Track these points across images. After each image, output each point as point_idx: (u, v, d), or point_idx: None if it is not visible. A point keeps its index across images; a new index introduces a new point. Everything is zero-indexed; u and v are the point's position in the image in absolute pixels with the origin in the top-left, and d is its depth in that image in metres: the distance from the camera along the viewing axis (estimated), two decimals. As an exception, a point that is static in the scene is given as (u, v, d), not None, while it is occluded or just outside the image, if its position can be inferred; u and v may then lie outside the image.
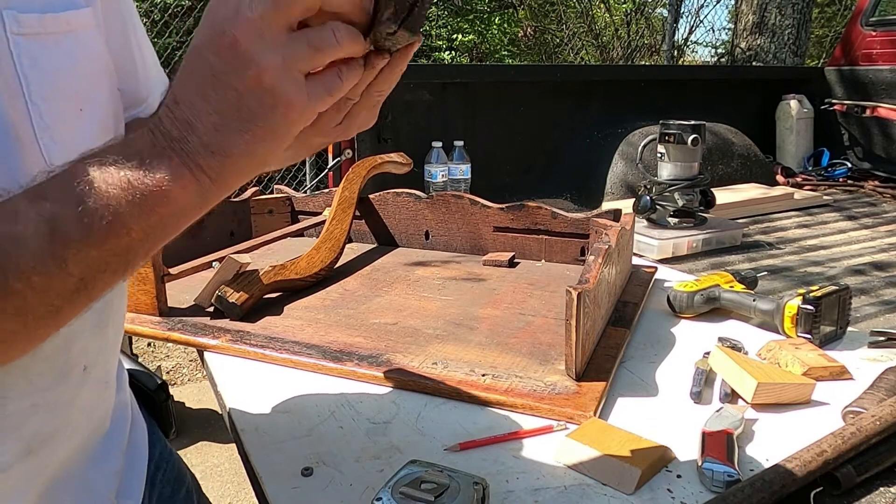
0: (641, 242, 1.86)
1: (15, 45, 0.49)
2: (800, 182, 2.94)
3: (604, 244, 1.01)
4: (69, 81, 0.54)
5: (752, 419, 0.83)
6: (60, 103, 0.53)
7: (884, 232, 2.24)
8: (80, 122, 0.54)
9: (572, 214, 1.40)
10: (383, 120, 2.35)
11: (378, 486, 0.61)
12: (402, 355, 0.97)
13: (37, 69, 0.51)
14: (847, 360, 0.97)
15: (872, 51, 3.18)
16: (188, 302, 1.15)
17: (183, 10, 4.82)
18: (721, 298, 1.15)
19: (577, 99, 2.85)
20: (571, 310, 0.85)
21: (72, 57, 0.54)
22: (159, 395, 0.85)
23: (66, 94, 0.54)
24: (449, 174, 2.33)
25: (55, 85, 0.52)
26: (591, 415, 0.81)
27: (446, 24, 6.61)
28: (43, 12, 0.52)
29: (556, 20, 7.50)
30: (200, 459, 2.58)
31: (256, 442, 0.79)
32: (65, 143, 0.52)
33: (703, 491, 0.69)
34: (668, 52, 5.46)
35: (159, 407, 0.83)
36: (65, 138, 0.52)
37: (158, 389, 0.82)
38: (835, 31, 7.40)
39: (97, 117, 0.56)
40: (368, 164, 1.54)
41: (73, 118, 0.54)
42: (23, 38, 0.50)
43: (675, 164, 2.01)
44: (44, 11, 0.52)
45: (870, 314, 1.52)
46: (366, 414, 0.84)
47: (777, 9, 4.45)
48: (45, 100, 0.51)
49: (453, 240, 1.50)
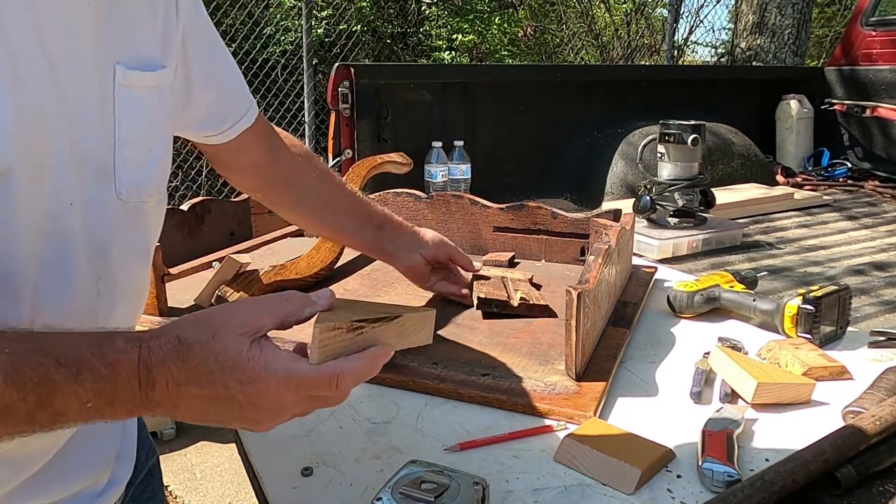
0: (641, 242, 1.86)
1: (118, 94, 0.60)
2: (800, 182, 2.94)
3: (604, 244, 1.01)
4: (147, 128, 0.65)
5: (752, 419, 0.83)
6: (137, 146, 0.63)
7: (884, 232, 2.24)
8: (147, 162, 0.65)
9: (572, 214, 1.40)
10: (383, 120, 2.35)
11: (378, 486, 0.61)
12: (403, 355, 0.97)
13: (128, 116, 0.61)
14: (847, 360, 0.97)
15: (872, 51, 3.18)
16: (188, 302, 1.15)
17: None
18: (721, 298, 1.15)
19: (577, 99, 2.85)
20: (571, 310, 0.85)
21: (152, 108, 0.65)
22: None
23: (143, 138, 0.64)
24: (449, 174, 2.32)
25: (137, 130, 0.63)
26: (591, 415, 0.81)
27: (446, 24, 6.61)
28: (142, 70, 0.63)
29: (556, 20, 7.51)
30: (200, 459, 2.58)
31: (256, 442, 0.79)
32: (133, 178, 0.62)
33: (703, 491, 0.69)
34: (668, 52, 5.47)
35: None
36: (133, 174, 0.62)
37: None
38: (835, 31, 7.40)
39: (159, 158, 0.67)
40: (368, 164, 1.54)
41: (143, 158, 0.64)
42: (125, 89, 0.61)
43: (675, 164, 2.01)
44: (142, 70, 0.63)
45: (870, 314, 1.52)
46: (366, 414, 0.84)
47: (777, 9, 4.45)
48: (128, 142, 0.62)
49: (453, 240, 1.49)
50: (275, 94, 4.90)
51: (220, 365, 0.50)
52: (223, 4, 4.81)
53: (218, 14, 4.85)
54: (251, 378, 0.51)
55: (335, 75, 2.25)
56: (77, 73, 0.56)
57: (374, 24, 6.13)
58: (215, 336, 0.51)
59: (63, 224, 0.56)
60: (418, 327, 0.64)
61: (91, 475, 0.67)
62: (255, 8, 5.17)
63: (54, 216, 0.55)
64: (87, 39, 0.57)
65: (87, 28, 0.57)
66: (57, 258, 0.56)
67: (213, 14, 4.72)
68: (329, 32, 5.57)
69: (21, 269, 0.53)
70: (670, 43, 5.54)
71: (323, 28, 5.56)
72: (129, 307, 0.67)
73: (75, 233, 0.57)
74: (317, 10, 5.41)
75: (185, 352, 0.50)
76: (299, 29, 4.70)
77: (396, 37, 6.38)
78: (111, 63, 0.60)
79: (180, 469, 2.50)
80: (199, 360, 0.50)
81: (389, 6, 6.42)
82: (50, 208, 0.55)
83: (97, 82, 0.59)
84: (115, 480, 0.71)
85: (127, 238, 0.64)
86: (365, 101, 2.28)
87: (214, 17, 4.75)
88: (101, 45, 0.59)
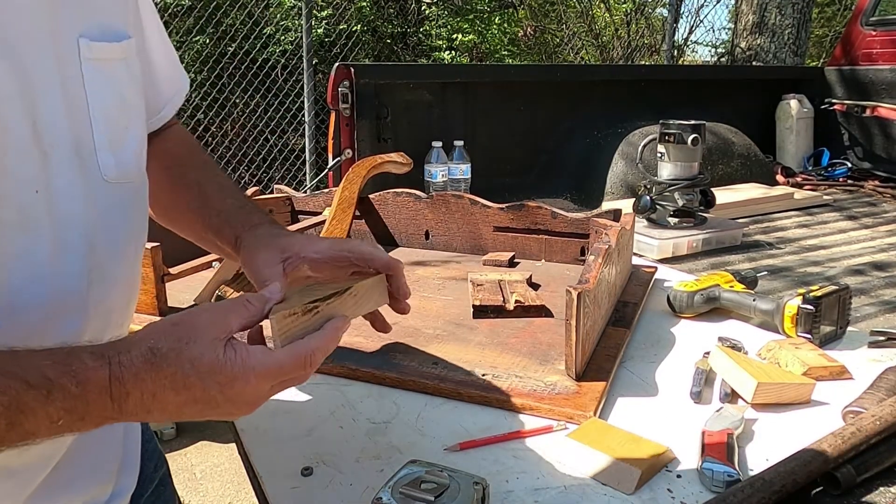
0: (641, 242, 1.86)
1: (86, 69, 0.56)
2: (800, 182, 2.94)
3: (604, 244, 1.01)
4: (120, 103, 0.60)
5: (752, 419, 0.83)
6: (113, 123, 0.59)
7: (884, 232, 2.24)
8: (127, 140, 0.61)
9: (572, 214, 1.40)
10: (383, 120, 2.35)
11: (378, 486, 0.61)
12: (402, 355, 0.97)
13: (99, 92, 0.57)
14: (847, 360, 0.97)
15: (872, 50, 3.18)
16: (188, 302, 1.15)
17: (183, 10, 4.82)
18: (721, 298, 1.15)
19: (577, 99, 2.85)
20: (571, 310, 0.85)
21: (123, 82, 0.61)
22: None
23: (118, 115, 0.60)
24: (449, 174, 2.32)
25: (111, 106, 0.59)
26: (591, 415, 0.81)
27: (446, 24, 6.61)
28: (108, 41, 0.58)
29: (556, 20, 7.51)
30: (200, 459, 2.58)
31: (256, 442, 0.79)
32: (116, 158, 0.59)
33: (703, 491, 0.69)
34: (668, 52, 5.46)
35: None
36: (117, 155, 0.59)
37: None
38: (835, 30, 7.40)
39: (138, 136, 0.64)
40: (368, 164, 1.54)
41: (122, 136, 0.60)
42: (92, 63, 0.56)
43: (675, 164, 2.01)
44: (108, 41, 0.59)
45: (870, 314, 1.52)
46: (366, 414, 0.84)
47: (777, 9, 4.45)
48: (104, 120, 0.58)
49: (453, 240, 1.50)
50: (275, 94, 4.90)
51: (197, 370, 0.50)
52: (223, 4, 4.81)
53: (218, 14, 4.86)
54: (230, 379, 0.51)
55: (335, 75, 2.25)
56: (33, 50, 0.52)
57: (374, 23, 6.13)
58: (189, 342, 0.51)
59: (30, 214, 0.52)
60: (371, 293, 0.66)
61: (92, 487, 0.65)
62: (255, 8, 5.18)
63: (20, 206, 0.51)
64: (41, 13, 0.53)
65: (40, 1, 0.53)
66: (30, 250, 0.52)
67: (213, 14, 4.73)
68: (329, 32, 5.57)
69: None
70: (670, 43, 5.54)
71: (323, 28, 5.56)
72: (122, 298, 0.64)
73: (47, 221, 0.53)
74: (317, 10, 5.41)
75: (158, 362, 0.49)
76: (299, 29, 4.70)
77: (396, 37, 6.38)
78: (73, 36, 0.55)
79: (180, 469, 2.50)
80: (174, 368, 0.50)
81: (389, 6, 6.42)
82: (12, 194, 0.50)
83: (57, 58, 0.54)
84: (118, 492, 0.69)
85: (117, 224, 0.61)
86: (365, 101, 2.28)
87: (214, 16, 4.77)
88: (58, 18, 0.54)
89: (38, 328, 0.54)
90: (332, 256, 0.67)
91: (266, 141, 4.94)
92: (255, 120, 4.97)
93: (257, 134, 4.94)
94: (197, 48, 4.84)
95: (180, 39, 4.80)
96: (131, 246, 0.65)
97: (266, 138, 4.93)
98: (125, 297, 0.65)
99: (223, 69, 4.75)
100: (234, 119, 5.04)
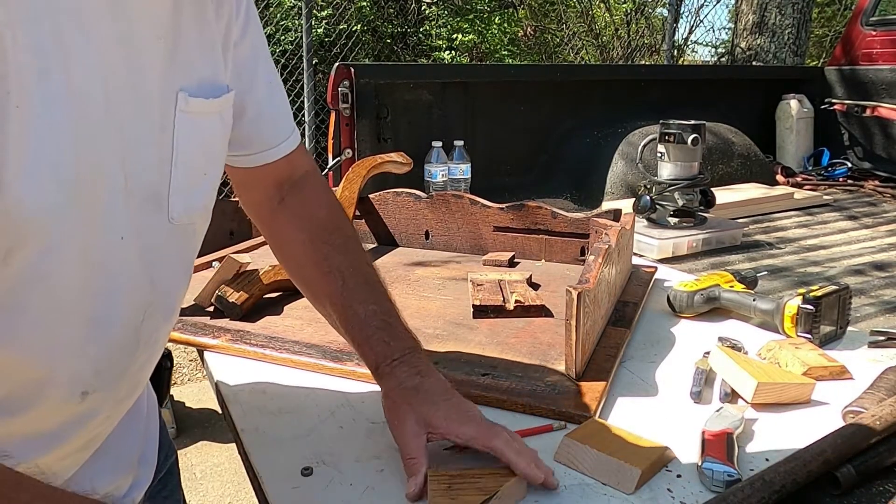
0: (641, 242, 1.86)
1: (179, 121, 0.59)
2: (800, 182, 2.94)
3: (604, 244, 1.01)
4: (204, 153, 0.63)
5: (752, 419, 0.83)
6: (192, 170, 0.62)
7: (884, 232, 2.24)
8: (201, 185, 0.64)
9: (572, 214, 1.39)
10: (383, 120, 2.35)
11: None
12: (402, 355, 0.97)
13: (186, 143, 0.60)
14: (847, 360, 0.96)
15: (872, 50, 3.18)
16: (188, 302, 1.15)
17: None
18: (721, 298, 1.15)
19: (577, 99, 2.85)
20: (571, 310, 0.85)
21: (213, 133, 0.64)
22: (164, 361, 0.84)
23: (199, 163, 0.63)
24: (449, 174, 2.32)
25: (194, 155, 0.61)
26: (591, 415, 0.81)
27: (446, 24, 6.61)
28: (206, 97, 0.61)
29: (556, 20, 7.51)
30: (200, 459, 2.58)
31: (256, 442, 0.79)
32: (185, 202, 0.61)
33: (703, 491, 0.69)
34: (668, 51, 5.46)
35: (160, 374, 0.83)
36: (186, 199, 0.61)
37: (164, 357, 0.81)
38: (835, 30, 7.40)
39: (213, 179, 0.66)
40: (368, 163, 1.54)
41: (198, 182, 0.63)
42: (186, 116, 0.59)
43: (675, 164, 2.01)
44: (206, 97, 0.61)
45: (870, 314, 1.52)
46: (366, 414, 0.84)
47: (777, 8, 4.45)
48: (184, 167, 0.60)
49: (453, 240, 1.50)
50: (275, 94, 4.89)
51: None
52: (223, 4, 4.80)
53: (218, 14, 4.84)
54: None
55: (335, 75, 2.25)
56: (137, 107, 0.55)
57: (374, 23, 6.13)
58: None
59: (114, 257, 0.55)
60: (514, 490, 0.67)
61: (115, 480, 0.67)
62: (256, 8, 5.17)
63: (106, 249, 0.54)
64: (154, 74, 0.56)
65: (156, 63, 0.56)
66: (107, 290, 0.55)
67: (213, 14, 4.72)
68: (329, 32, 5.56)
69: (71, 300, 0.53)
70: (670, 43, 5.53)
71: (323, 28, 5.56)
72: (167, 326, 0.67)
73: (125, 264, 0.56)
74: (317, 9, 5.41)
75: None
76: (299, 29, 4.70)
77: (396, 36, 6.38)
78: (174, 91, 0.59)
79: (180, 469, 2.50)
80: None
81: (389, 6, 6.42)
82: (101, 242, 0.54)
83: (159, 113, 0.58)
84: (137, 483, 0.71)
85: (174, 261, 0.63)
86: (365, 101, 2.28)
87: (214, 16, 4.75)
88: (167, 76, 0.58)
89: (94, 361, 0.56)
90: (474, 447, 0.69)
91: (266, 141, 4.92)
92: (255, 120, 4.96)
93: (257, 134, 4.92)
94: (197, 48, 4.83)
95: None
96: (183, 280, 0.68)
97: (266, 138, 4.92)
98: (170, 324, 0.68)
99: (223, 69, 4.74)
100: (234, 119, 5.02)
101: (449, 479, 0.66)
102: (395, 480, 0.70)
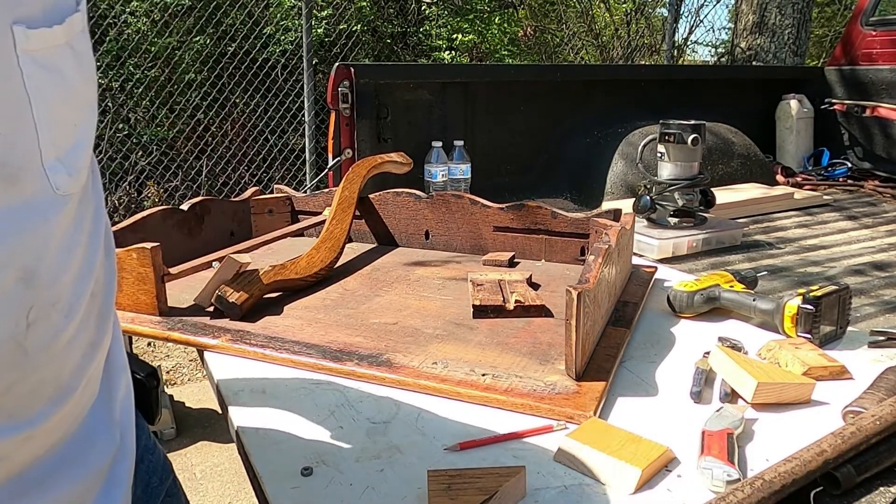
0: (641, 242, 1.86)
1: (24, 63, 0.43)
2: (800, 182, 2.94)
3: (604, 244, 1.01)
4: (68, 98, 0.48)
5: (752, 419, 0.83)
6: (62, 124, 0.47)
7: (884, 232, 2.24)
8: (75, 140, 0.49)
9: (572, 214, 1.39)
10: (383, 120, 2.35)
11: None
12: (402, 355, 0.97)
13: (43, 90, 0.45)
14: (847, 360, 0.97)
15: (872, 50, 3.17)
16: (188, 302, 1.15)
17: (183, 10, 4.82)
18: (721, 298, 1.15)
19: (577, 99, 2.85)
20: (571, 310, 0.85)
21: (69, 70, 0.48)
22: (150, 381, 0.82)
23: (67, 112, 0.48)
24: (449, 174, 2.32)
25: (58, 105, 0.47)
26: (591, 415, 0.81)
27: (446, 24, 6.61)
28: (50, 25, 0.45)
29: (556, 20, 7.51)
30: (200, 459, 2.58)
31: (256, 442, 0.79)
32: (66, 165, 0.47)
33: (704, 491, 0.69)
34: (668, 51, 5.46)
35: (148, 394, 0.80)
36: (66, 161, 0.47)
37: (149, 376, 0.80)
38: (835, 30, 7.40)
39: (88, 133, 0.51)
40: (368, 163, 1.54)
41: (71, 137, 0.48)
42: (31, 55, 0.44)
43: (675, 164, 2.01)
44: (50, 24, 0.45)
45: (870, 314, 1.52)
46: (366, 414, 0.84)
47: (777, 8, 4.45)
48: (50, 122, 0.46)
49: (453, 240, 1.50)
50: (275, 94, 4.90)
51: None
52: (223, 4, 4.80)
53: (218, 14, 4.85)
54: None
55: (335, 75, 2.25)
56: None
57: (374, 23, 6.13)
58: None
59: None
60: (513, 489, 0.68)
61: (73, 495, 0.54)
62: (255, 8, 5.17)
63: None
64: None
65: None
66: None
67: (213, 14, 4.73)
68: (329, 32, 5.56)
69: None
70: (670, 43, 5.53)
71: (323, 28, 5.56)
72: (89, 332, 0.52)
73: None
74: (317, 9, 5.41)
75: None
76: (299, 29, 4.69)
77: (396, 36, 6.38)
78: (6, 25, 0.42)
79: (180, 469, 2.50)
80: None
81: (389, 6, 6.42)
82: None
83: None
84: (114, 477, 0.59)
85: (66, 245, 0.48)
86: (365, 101, 2.28)
87: (214, 16, 4.76)
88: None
89: None
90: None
91: (266, 141, 4.94)
92: (255, 120, 4.97)
93: (257, 134, 4.94)
94: (197, 48, 4.83)
95: (180, 39, 4.80)
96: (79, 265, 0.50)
97: (266, 138, 4.93)
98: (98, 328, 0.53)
99: (223, 69, 4.75)
100: (234, 119, 5.03)
101: (448, 479, 0.66)
102: (395, 480, 0.70)
